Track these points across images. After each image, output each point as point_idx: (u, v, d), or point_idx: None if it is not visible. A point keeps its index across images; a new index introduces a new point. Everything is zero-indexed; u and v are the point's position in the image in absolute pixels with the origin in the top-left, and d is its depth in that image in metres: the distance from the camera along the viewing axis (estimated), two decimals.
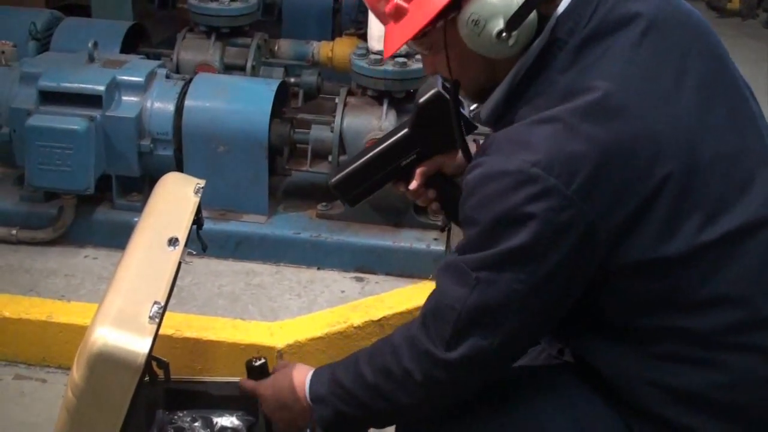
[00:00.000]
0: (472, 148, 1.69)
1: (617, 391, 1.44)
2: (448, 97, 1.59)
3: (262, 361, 1.76)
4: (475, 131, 1.69)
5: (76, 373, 1.42)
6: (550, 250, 1.31)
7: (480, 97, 1.50)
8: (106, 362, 1.38)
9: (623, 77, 1.34)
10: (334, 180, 1.75)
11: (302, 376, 1.62)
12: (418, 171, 1.69)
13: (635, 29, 1.38)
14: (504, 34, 1.34)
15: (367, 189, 1.74)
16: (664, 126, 1.34)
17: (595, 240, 1.31)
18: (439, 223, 1.86)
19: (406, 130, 1.69)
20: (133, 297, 1.50)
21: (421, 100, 1.64)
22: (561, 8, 1.38)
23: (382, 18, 1.47)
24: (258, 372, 1.75)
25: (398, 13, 1.41)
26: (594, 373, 1.45)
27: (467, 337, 1.38)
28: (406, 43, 1.43)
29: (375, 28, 2.88)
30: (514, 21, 1.34)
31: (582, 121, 1.31)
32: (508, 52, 1.37)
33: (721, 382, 1.37)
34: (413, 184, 1.69)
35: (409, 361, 1.44)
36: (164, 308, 1.52)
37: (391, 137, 1.71)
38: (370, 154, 1.72)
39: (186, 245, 1.73)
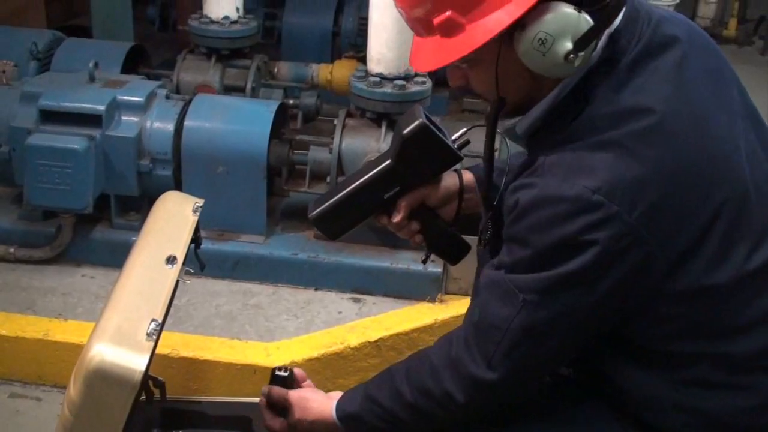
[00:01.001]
0: (453, 178, 1.68)
1: (641, 413, 1.43)
2: (433, 128, 1.58)
3: (287, 372, 1.73)
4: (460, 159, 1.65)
5: (73, 389, 1.42)
6: (604, 276, 1.30)
7: (514, 112, 1.46)
8: (103, 379, 1.38)
9: (674, 100, 1.33)
10: (314, 213, 1.68)
11: (329, 402, 1.62)
12: (402, 203, 1.65)
13: (676, 52, 1.38)
14: (572, 55, 1.30)
15: (349, 223, 1.70)
16: (716, 151, 1.34)
17: (651, 268, 1.31)
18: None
19: (388, 161, 1.64)
20: (131, 314, 1.51)
21: (406, 132, 1.59)
22: (613, 26, 1.35)
23: (422, 28, 1.40)
24: (282, 382, 1.72)
25: (450, 28, 1.34)
26: (611, 391, 1.45)
27: (510, 357, 1.38)
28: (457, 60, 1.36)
29: (374, 50, 2.90)
30: (583, 42, 1.30)
31: (642, 146, 1.29)
32: (570, 71, 1.33)
33: (751, 406, 1.38)
34: (396, 217, 1.65)
35: (451, 383, 1.43)
36: (161, 326, 1.52)
37: (373, 169, 1.65)
38: (352, 186, 1.66)
39: (184, 264, 1.73)
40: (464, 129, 1.69)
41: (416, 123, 1.58)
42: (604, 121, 1.33)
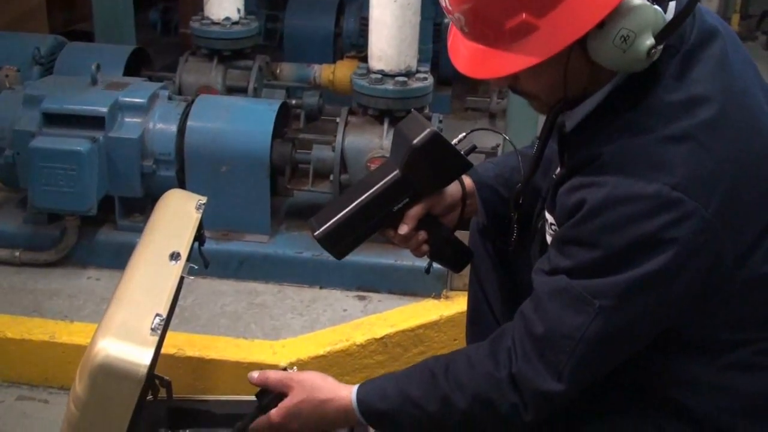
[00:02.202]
0: (456, 185, 1.62)
1: (676, 397, 1.42)
2: (443, 137, 1.53)
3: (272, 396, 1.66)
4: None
5: (79, 385, 1.42)
6: (682, 274, 1.28)
7: (561, 108, 1.41)
8: (108, 373, 1.39)
9: (728, 91, 1.32)
10: (320, 232, 1.59)
11: (345, 392, 1.54)
12: (410, 214, 1.60)
13: (720, 42, 1.36)
14: (654, 49, 1.26)
15: (357, 239, 1.62)
16: None
17: (723, 262, 1.30)
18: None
19: (396, 172, 1.57)
20: (135, 310, 1.51)
21: (416, 141, 1.52)
22: (669, 15, 1.32)
23: (489, 33, 1.31)
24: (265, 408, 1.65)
25: (523, 31, 1.27)
26: (642, 377, 1.43)
27: (583, 366, 1.34)
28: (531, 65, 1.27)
29: (375, 47, 2.90)
30: (664, 34, 1.27)
31: (712, 138, 1.27)
32: (646, 64, 1.29)
33: None
34: (404, 229, 1.60)
35: (516, 397, 1.37)
36: (166, 321, 1.52)
37: (379, 181, 1.58)
38: (359, 200, 1.58)
39: (188, 260, 1.74)
40: (464, 134, 1.65)
41: (427, 132, 1.53)
42: (668, 111, 1.29)
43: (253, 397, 2.06)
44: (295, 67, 3.89)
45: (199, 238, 1.90)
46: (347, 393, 1.53)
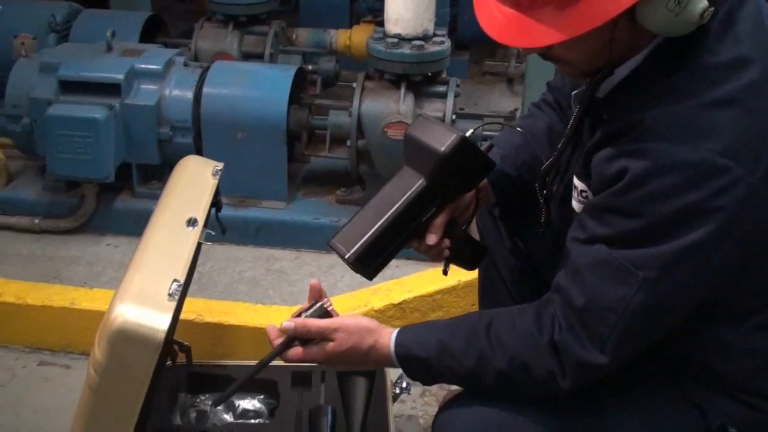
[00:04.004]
0: None
1: (704, 361, 1.40)
2: (471, 141, 1.46)
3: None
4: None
5: (98, 350, 1.43)
6: (726, 241, 1.25)
7: (593, 74, 1.36)
8: (127, 339, 1.39)
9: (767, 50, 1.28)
10: (352, 255, 1.50)
11: (385, 338, 1.48)
12: (436, 224, 1.55)
13: (755, 0, 1.32)
14: (707, 11, 1.21)
15: (387, 257, 1.53)
16: None
17: (764, 230, 1.28)
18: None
19: (421, 182, 1.50)
20: (153, 275, 1.51)
21: (445, 148, 1.45)
22: None
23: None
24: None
25: None
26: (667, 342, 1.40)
27: (627, 338, 1.31)
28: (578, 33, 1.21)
29: (392, 10, 2.86)
30: None
31: (755, 101, 1.24)
32: (694, 28, 1.24)
33: None
34: (432, 239, 1.55)
35: (556, 365, 1.34)
36: (184, 286, 1.52)
37: (403, 193, 1.50)
38: (388, 216, 1.50)
39: (205, 226, 1.74)
40: (471, 130, 1.55)
41: (454, 137, 1.46)
42: (712, 74, 1.25)
43: (272, 363, 2.08)
44: (312, 33, 3.86)
45: (216, 204, 1.90)
46: (387, 338, 1.48)
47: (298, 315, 1.55)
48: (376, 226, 1.50)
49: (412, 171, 1.53)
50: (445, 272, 1.75)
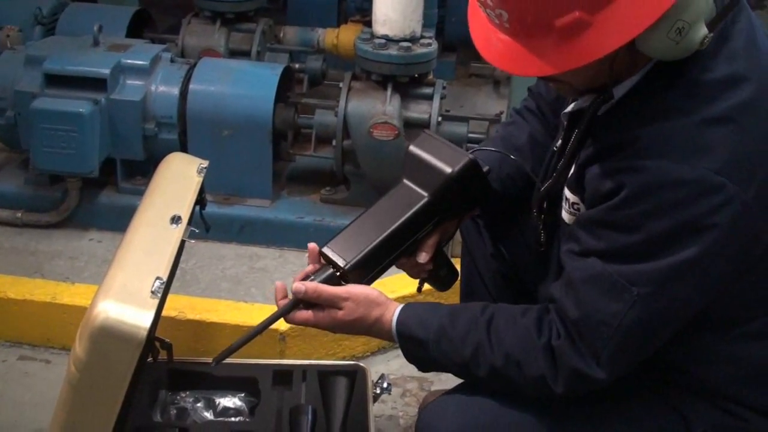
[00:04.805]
0: None
1: (688, 368, 1.42)
2: (480, 164, 1.48)
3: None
4: None
5: (79, 347, 1.43)
6: (720, 257, 1.27)
7: (588, 92, 1.37)
8: (109, 335, 1.39)
9: (763, 67, 1.30)
10: (349, 264, 1.48)
11: (390, 313, 1.49)
12: (428, 243, 1.56)
13: (747, 14, 1.33)
14: (707, 38, 1.22)
15: (381, 270, 1.54)
16: None
17: (759, 243, 1.29)
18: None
19: (426, 199, 1.51)
20: (136, 272, 1.51)
21: (455, 170, 1.47)
22: None
23: (536, 30, 1.24)
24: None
25: (576, 28, 1.21)
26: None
27: (621, 353, 1.32)
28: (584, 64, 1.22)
29: (380, 11, 2.87)
30: (716, 22, 1.24)
31: (750, 120, 1.25)
32: (692, 52, 1.25)
33: None
34: (423, 257, 1.56)
35: (549, 370, 1.35)
36: (166, 284, 1.52)
37: (405, 208, 1.50)
38: (390, 229, 1.50)
39: (189, 224, 1.74)
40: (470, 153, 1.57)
41: (466, 160, 1.49)
42: (706, 92, 1.26)
43: (253, 361, 2.08)
44: (299, 31, 3.85)
45: (200, 201, 1.91)
46: (391, 314, 1.49)
47: (304, 278, 1.54)
48: (376, 239, 1.50)
49: (414, 187, 1.53)
50: (419, 290, 1.77)
